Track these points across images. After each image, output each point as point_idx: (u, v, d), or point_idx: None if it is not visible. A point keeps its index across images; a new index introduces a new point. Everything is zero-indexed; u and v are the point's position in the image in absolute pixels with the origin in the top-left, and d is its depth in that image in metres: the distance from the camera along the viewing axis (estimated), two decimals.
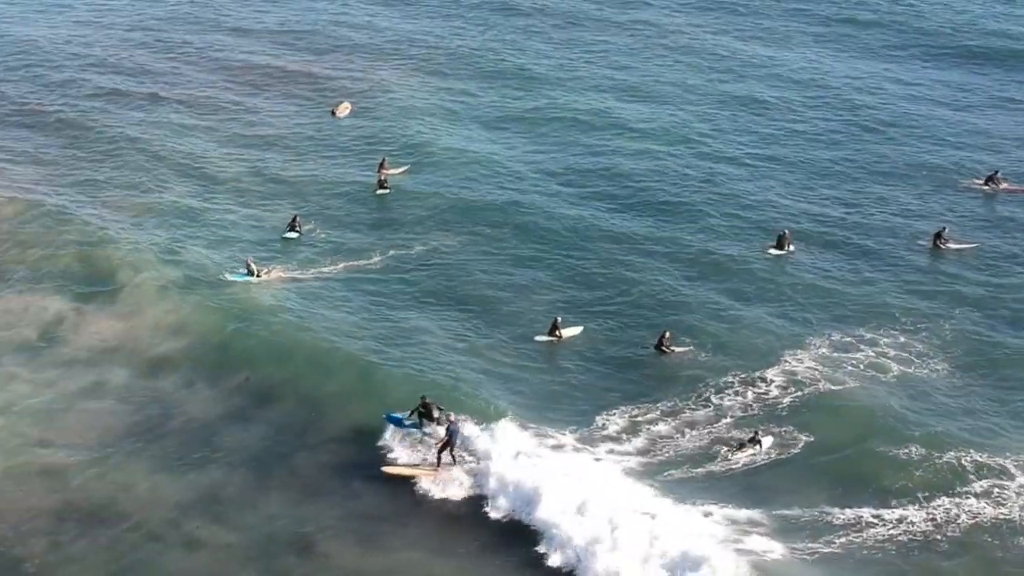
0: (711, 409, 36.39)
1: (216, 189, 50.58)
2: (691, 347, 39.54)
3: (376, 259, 44.83)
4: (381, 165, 52.01)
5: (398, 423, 34.11)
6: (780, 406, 36.43)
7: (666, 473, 33.25)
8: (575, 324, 40.49)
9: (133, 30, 70.55)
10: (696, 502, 31.85)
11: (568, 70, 64.38)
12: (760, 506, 31.89)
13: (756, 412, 36.19)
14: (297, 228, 46.69)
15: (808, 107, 59.33)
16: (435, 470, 32.43)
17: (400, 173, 51.92)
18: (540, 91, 61.27)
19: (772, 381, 37.51)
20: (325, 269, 43.96)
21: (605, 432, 35.09)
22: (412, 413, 33.78)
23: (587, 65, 65.29)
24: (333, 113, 59.16)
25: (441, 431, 32.99)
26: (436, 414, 33.27)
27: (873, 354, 39.00)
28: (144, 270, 43.22)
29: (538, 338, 39.83)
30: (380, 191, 50.46)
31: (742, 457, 34.16)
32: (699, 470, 33.55)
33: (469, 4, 74.06)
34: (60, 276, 43.19)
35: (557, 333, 39.80)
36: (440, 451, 32.54)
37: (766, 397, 36.90)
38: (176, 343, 39.18)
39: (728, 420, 35.90)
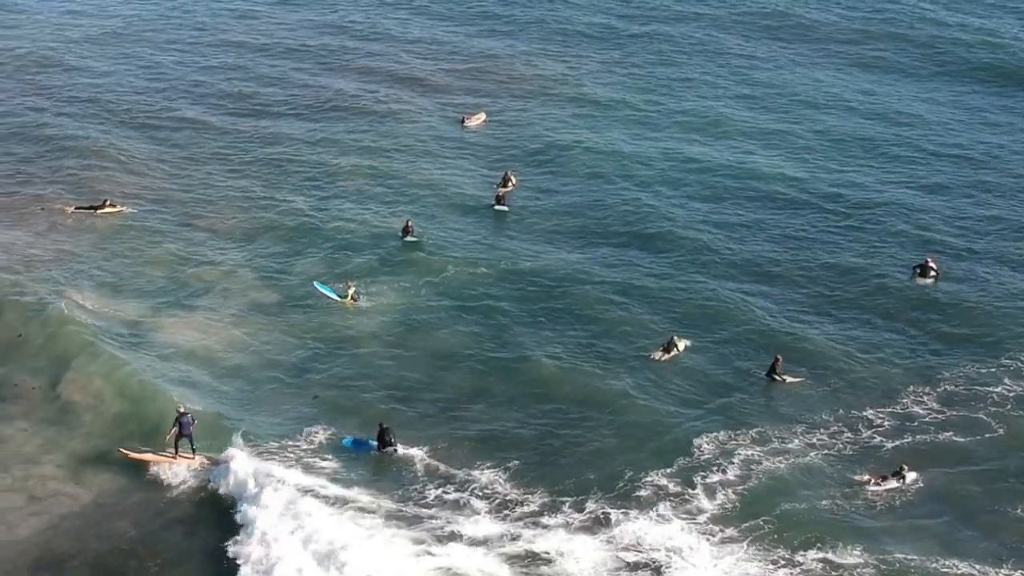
0: (819, 441, 35.16)
1: (335, 199, 50.73)
2: (806, 377, 38.02)
3: (485, 275, 44.41)
4: (503, 181, 51.74)
5: (359, 447, 34.64)
6: (898, 444, 34.95)
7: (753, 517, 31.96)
8: (687, 340, 39.91)
9: (262, 37, 71.95)
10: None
11: (707, 83, 63.60)
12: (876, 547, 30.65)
13: (870, 449, 34.74)
14: (411, 233, 46.77)
15: (949, 129, 57.20)
16: (172, 458, 33.78)
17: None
18: (676, 107, 60.43)
19: (893, 417, 36.14)
20: (424, 290, 43.53)
21: (702, 458, 34.15)
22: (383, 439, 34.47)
23: (724, 77, 64.50)
24: (463, 122, 59.28)
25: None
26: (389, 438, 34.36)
27: (1015, 392, 37.06)
28: (235, 288, 43.47)
29: (654, 356, 39.05)
30: (498, 207, 49.98)
31: (883, 490, 32.97)
32: (825, 503, 32.47)
33: (614, 23, 73.37)
34: (145, 285, 43.76)
35: (674, 351, 38.98)
36: (176, 442, 33.74)
37: (882, 434, 35.45)
38: (249, 358, 39.31)
39: (833, 454, 34.59)
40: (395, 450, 34.09)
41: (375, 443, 34.41)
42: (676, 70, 65.40)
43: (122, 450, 34.05)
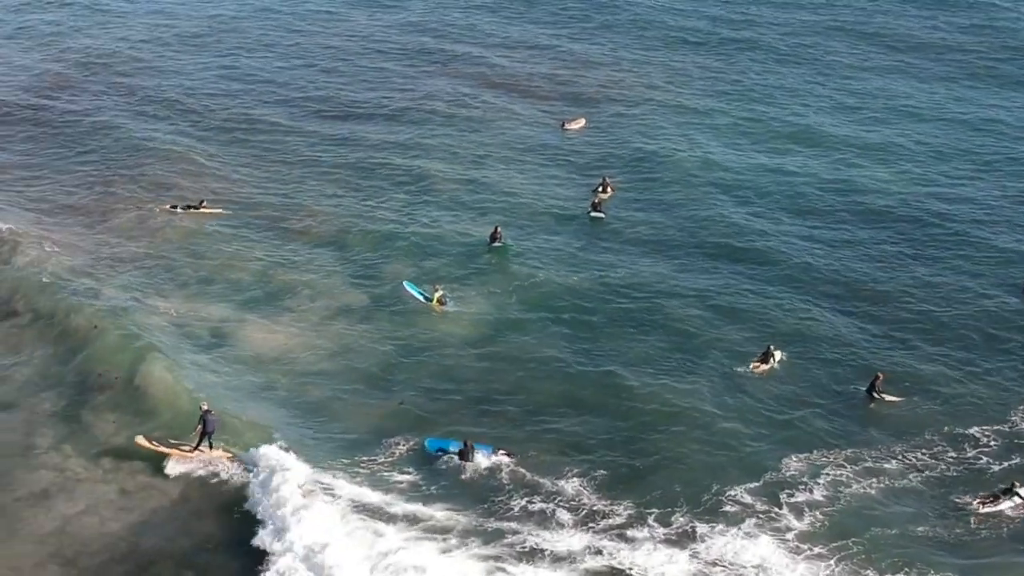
0: (919, 462, 34.28)
1: (428, 202, 50.72)
2: (907, 396, 37.12)
3: (576, 283, 43.96)
4: (602, 187, 51.44)
5: (440, 449, 34.29)
6: (1007, 465, 34.11)
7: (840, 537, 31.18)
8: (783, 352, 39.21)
9: (353, 39, 72.24)
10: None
11: (809, 93, 62.79)
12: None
13: (975, 471, 33.88)
14: (499, 239, 46.59)
15: None
16: (191, 452, 33.79)
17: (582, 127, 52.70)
18: (780, 115, 59.68)
19: (1001, 436, 35.31)
20: (513, 296, 43.13)
21: (790, 475, 33.50)
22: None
23: (826, 86, 63.67)
24: (563, 126, 59.07)
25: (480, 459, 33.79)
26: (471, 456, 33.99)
27: None
28: (322, 292, 43.38)
29: (751, 367, 38.50)
30: (594, 214, 49.50)
31: (994, 510, 32.04)
32: (922, 528, 31.70)
33: (717, 29, 72.78)
34: (233, 286, 43.82)
35: (771, 361, 38.45)
36: (199, 439, 33.81)
37: (989, 454, 34.61)
38: (332, 363, 39.10)
39: (934, 476, 33.69)
40: (475, 465, 33.79)
41: (457, 446, 34.20)
42: (777, 79, 64.79)
43: (139, 441, 34.09)
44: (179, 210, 49.49)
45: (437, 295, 42.22)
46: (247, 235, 47.98)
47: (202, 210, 49.39)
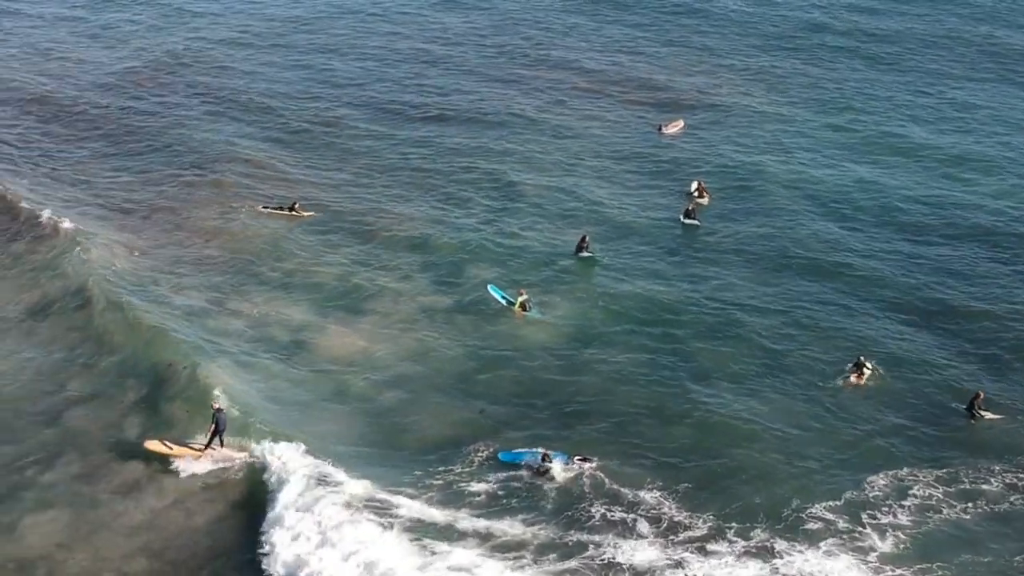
0: (1021, 484, 33.37)
1: (514, 207, 50.45)
2: (1010, 415, 36.19)
3: (664, 293, 43.50)
4: (697, 192, 51.11)
5: (516, 459, 34.06)
6: None
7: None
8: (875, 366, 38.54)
9: (439, 43, 72.51)
10: None
11: (911, 104, 61.68)
12: None
13: None
14: (586, 248, 46.35)
15: None
16: (201, 451, 33.99)
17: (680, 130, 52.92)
18: (879, 126, 58.73)
19: None
20: (599, 305, 42.68)
21: (875, 494, 32.85)
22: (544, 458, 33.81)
23: (928, 98, 62.56)
24: (660, 129, 58.83)
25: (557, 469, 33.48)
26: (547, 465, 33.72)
27: None
28: (403, 295, 43.33)
29: (845, 380, 37.92)
30: (688, 221, 48.99)
31: None
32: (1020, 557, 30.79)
33: (821, 39, 71.99)
34: (314, 289, 43.80)
35: (864, 372, 37.87)
36: (211, 438, 33.98)
37: None
38: (412, 367, 38.93)
39: None
40: (552, 474, 33.54)
41: (533, 456, 34.03)
42: (878, 88, 63.81)
43: (149, 445, 34.15)
44: (273, 211, 49.81)
45: (521, 299, 42.03)
46: (330, 237, 48.13)
47: (295, 212, 49.76)
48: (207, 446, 34.11)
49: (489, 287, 43.25)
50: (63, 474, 33.49)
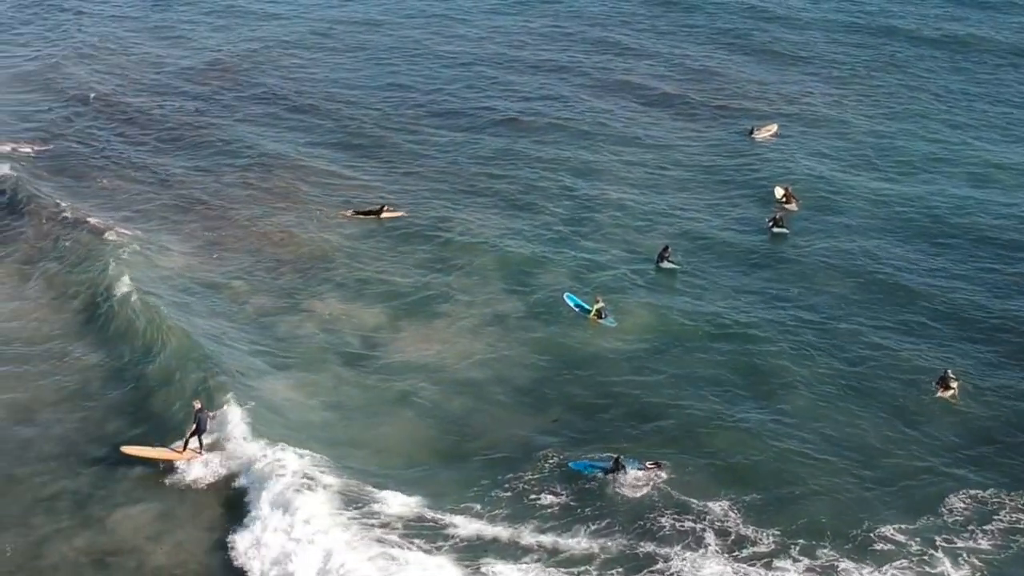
0: None
1: (595, 215, 50.07)
2: None
3: (745, 304, 42.90)
4: (785, 198, 50.36)
5: (587, 468, 33.69)
6: None
7: None
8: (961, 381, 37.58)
9: (528, 49, 72.38)
10: None
11: (1018, 122, 60.05)
12: None
13: None
14: (668, 259, 45.80)
15: None
16: (180, 453, 33.74)
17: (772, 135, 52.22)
18: (980, 145, 57.28)
19: None
20: (676, 313, 42.14)
21: (952, 517, 31.89)
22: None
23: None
24: (751, 133, 58.12)
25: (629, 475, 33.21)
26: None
27: None
28: (478, 300, 43.10)
29: (935, 393, 37.07)
30: (776, 229, 48.35)
31: None
32: None
33: (912, 47, 70.85)
34: (387, 294, 43.70)
35: (951, 387, 36.95)
36: (188, 438, 33.73)
37: None
38: (483, 372, 38.71)
39: None
40: (623, 481, 33.24)
41: (605, 466, 33.79)
42: (981, 105, 62.26)
43: (125, 450, 33.91)
44: (361, 215, 49.85)
45: (597, 306, 41.68)
46: (405, 242, 48.07)
47: (385, 214, 49.81)
48: (185, 447, 33.84)
49: (566, 295, 42.96)
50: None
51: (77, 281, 44.49)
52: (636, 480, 33.18)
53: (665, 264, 45.54)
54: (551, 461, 34.14)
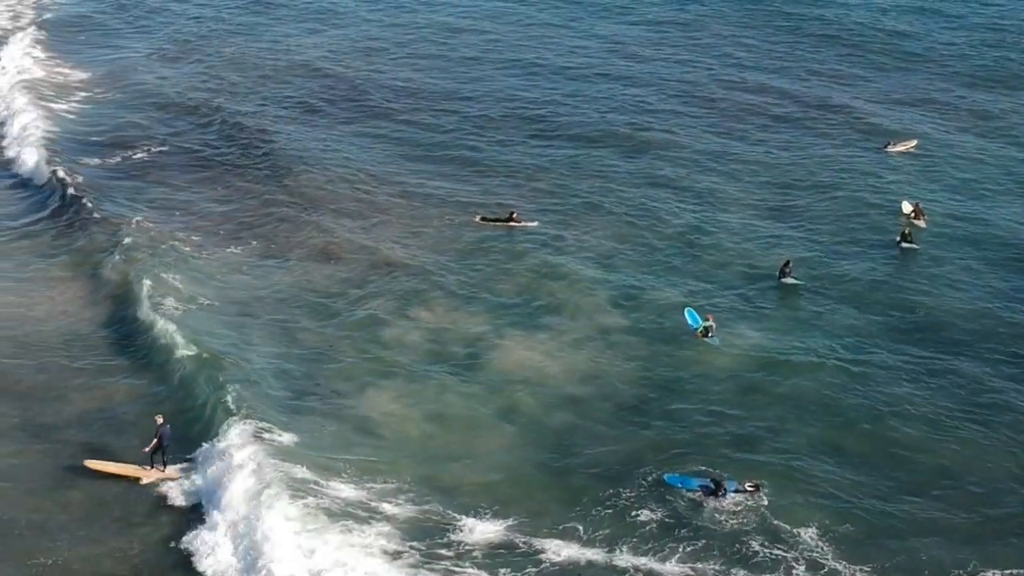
0: None
1: (714, 226, 49.36)
2: None
3: (869, 323, 41.88)
4: (913, 214, 49.05)
5: (683, 484, 33.31)
6: None
7: None
8: None
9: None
10: None
11: None
12: None
13: None
14: (790, 274, 44.87)
15: None
16: (145, 471, 33.40)
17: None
18: None
19: None
20: (793, 332, 41.29)
21: None
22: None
23: None
24: (885, 147, 56.82)
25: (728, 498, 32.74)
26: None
27: None
28: (584, 311, 42.72)
29: None
30: (905, 244, 47.24)
31: None
32: None
33: None
34: (494, 301, 43.60)
35: None
36: (152, 453, 33.41)
37: None
38: (584, 387, 38.27)
39: None
40: (720, 504, 32.84)
41: (702, 483, 33.35)
42: None
43: (88, 463, 33.56)
44: (490, 222, 49.86)
45: (706, 324, 41.06)
46: (515, 250, 47.74)
47: (512, 223, 49.82)
48: (152, 465, 33.63)
49: (686, 311, 42.18)
50: None
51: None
52: (735, 504, 32.63)
53: (787, 279, 44.73)
54: (649, 479, 33.70)
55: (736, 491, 32.97)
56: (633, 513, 32.33)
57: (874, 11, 79.55)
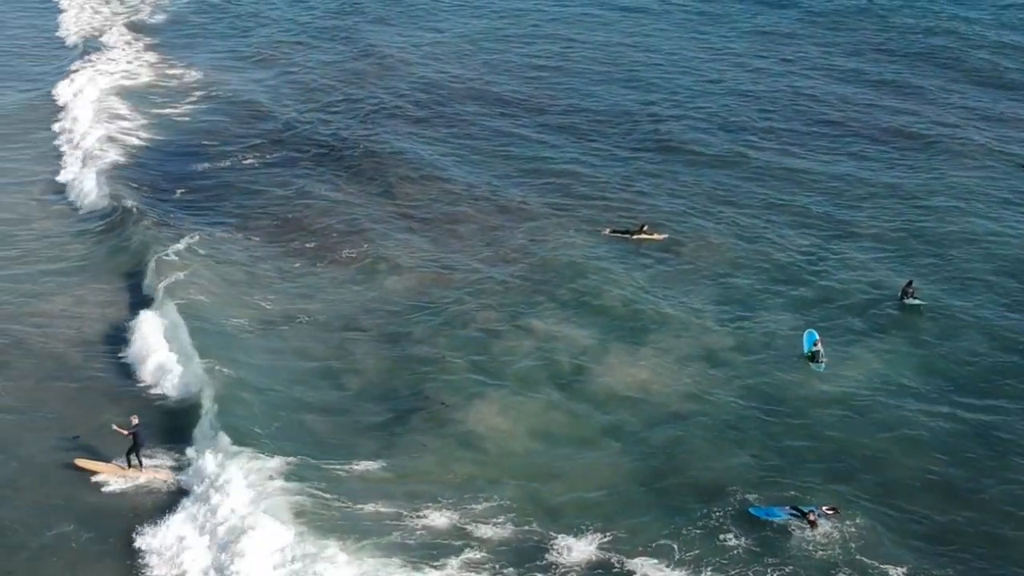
0: None
1: (838, 245, 48.86)
2: None
3: (990, 354, 40.78)
4: None
5: (768, 515, 33.06)
6: None
7: None
8: None
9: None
10: None
11: None
12: None
13: None
14: (912, 295, 44.11)
15: None
16: (124, 470, 34.73)
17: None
18: None
19: None
20: (911, 360, 40.57)
21: None
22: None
23: None
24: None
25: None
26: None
27: None
28: (689, 328, 42.52)
29: None
30: None
31: None
32: None
33: None
34: (601, 315, 43.54)
35: None
36: (128, 454, 34.71)
37: None
38: (687, 406, 38.19)
39: None
40: (814, 528, 32.70)
41: (783, 516, 33.19)
42: None
43: (78, 462, 34.89)
44: (619, 234, 49.92)
45: (814, 349, 40.56)
46: (626, 261, 47.84)
47: (642, 235, 49.70)
48: (130, 464, 34.76)
49: (807, 331, 41.66)
50: None
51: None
52: (823, 535, 32.37)
53: (910, 300, 44.01)
54: (742, 500, 33.68)
55: (820, 516, 32.77)
56: (722, 536, 32.35)
57: (1011, 30, 78.01)
